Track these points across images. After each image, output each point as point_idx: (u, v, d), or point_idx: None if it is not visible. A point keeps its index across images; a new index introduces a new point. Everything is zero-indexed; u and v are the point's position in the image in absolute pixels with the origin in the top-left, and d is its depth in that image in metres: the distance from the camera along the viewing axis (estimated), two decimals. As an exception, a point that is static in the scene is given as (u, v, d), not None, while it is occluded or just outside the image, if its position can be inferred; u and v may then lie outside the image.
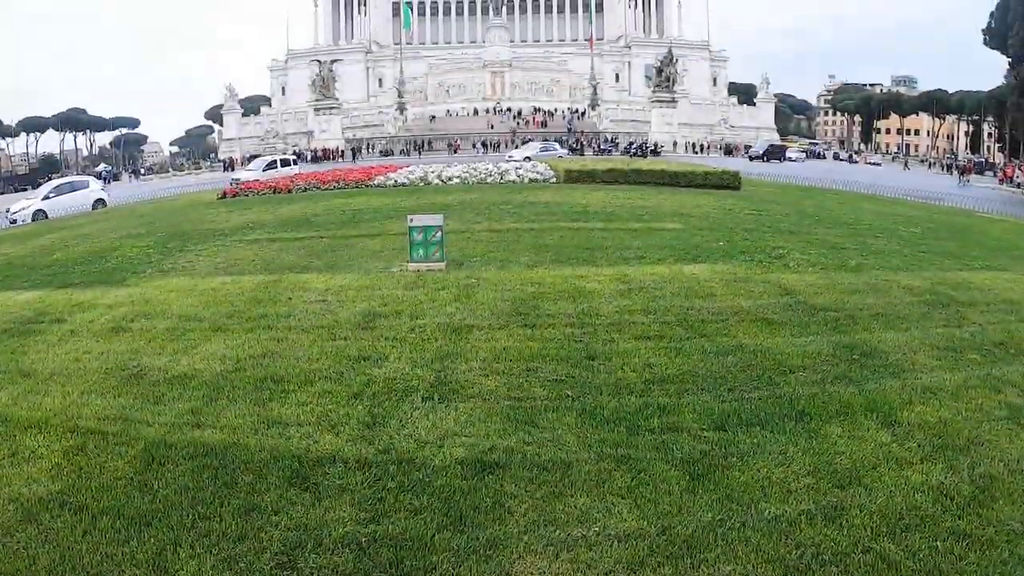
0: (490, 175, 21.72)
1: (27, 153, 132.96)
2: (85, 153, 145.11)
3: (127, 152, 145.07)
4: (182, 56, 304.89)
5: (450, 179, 21.34)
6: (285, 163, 37.85)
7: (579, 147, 62.89)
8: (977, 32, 66.57)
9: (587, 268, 8.61)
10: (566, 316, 6.55)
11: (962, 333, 6.50)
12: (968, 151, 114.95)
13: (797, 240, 11.22)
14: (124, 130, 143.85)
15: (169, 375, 5.47)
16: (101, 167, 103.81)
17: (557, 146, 48.08)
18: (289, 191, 20.97)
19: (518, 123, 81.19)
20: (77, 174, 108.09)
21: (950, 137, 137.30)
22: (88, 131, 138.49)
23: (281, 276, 8.76)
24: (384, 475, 3.83)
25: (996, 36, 62.13)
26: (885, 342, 6.07)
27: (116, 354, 6.09)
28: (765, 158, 60.32)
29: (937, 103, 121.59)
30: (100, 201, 28.08)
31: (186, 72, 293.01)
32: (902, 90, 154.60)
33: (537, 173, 21.89)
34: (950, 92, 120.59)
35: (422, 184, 21.05)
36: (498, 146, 64.64)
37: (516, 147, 58.09)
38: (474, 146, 64.88)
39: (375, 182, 21.41)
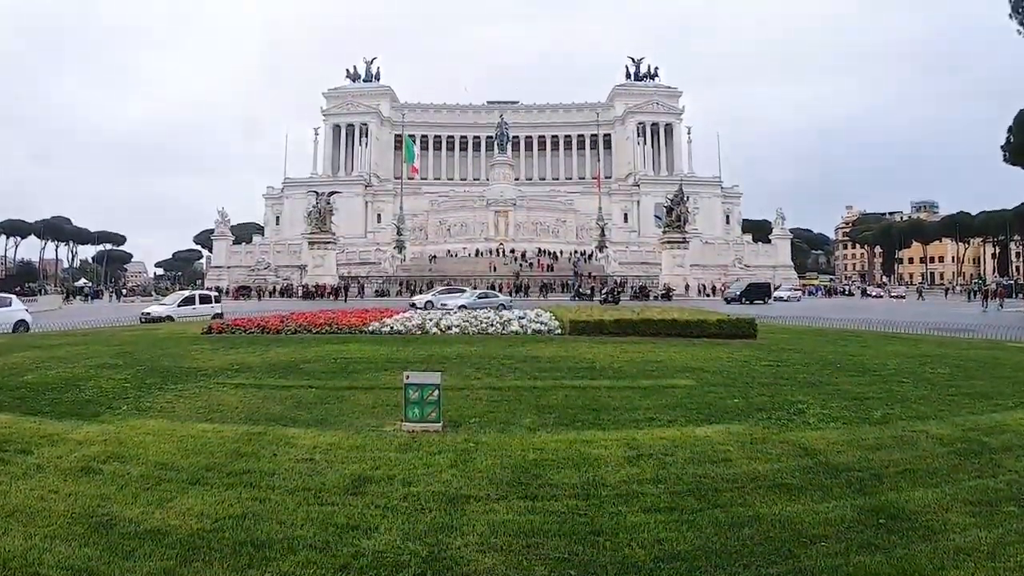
0: (491, 325, 22.30)
1: (4, 258, 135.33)
2: (65, 264, 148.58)
3: (110, 269, 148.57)
4: (177, 177, 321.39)
5: (449, 328, 21.89)
6: (205, 299, 37.76)
7: (589, 292, 62.56)
8: (996, 149, 68.81)
9: (593, 432, 8.73)
10: (570, 486, 6.62)
11: (997, 483, 6.58)
12: (996, 274, 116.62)
13: (817, 393, 11.42)
14: (108, 246, 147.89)
15: (141, 528, 5.52)
16: (82, 282, 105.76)
17: (499, 294, 48.46)
18: (278, 331, 21.47)
19: (522, 266, 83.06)
20: (57, 285, 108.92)
21: (976, 261, 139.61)
22: (71, 242, 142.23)
23: (266, 428, 8.88)
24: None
25: (1017, 152, 64.02)
26: (913, 501, 6.13)
27: (85, 498, 6.19)
28: (744, 299, 58.14)
29: (960, 226, 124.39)
30: (22, 323, 27.88)
31: (178, 194, 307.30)
32: (923, 216, 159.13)
33: (541, 324, 22.47)
34: (973, 214, 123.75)
35: (419, 333, 21.56)
36: (499, 289, 65.62)
37: (422, 291, 58.31)
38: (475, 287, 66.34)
39: (370, 328, 21.97)
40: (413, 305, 42.73)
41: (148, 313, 34.58)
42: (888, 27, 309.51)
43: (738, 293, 61.37)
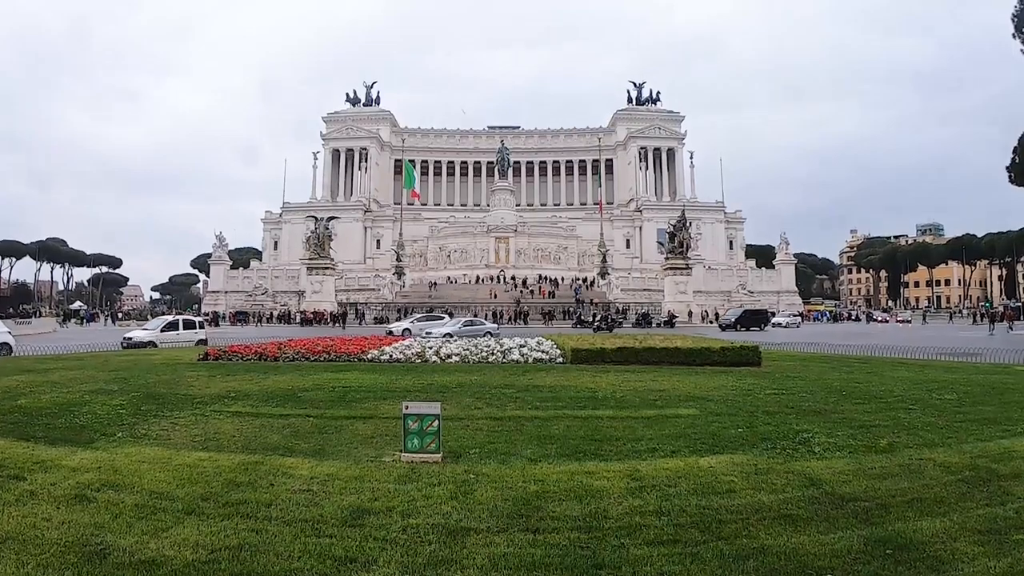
0: (492, 353, 22.34)
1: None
2: (61, 287, 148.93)
3: (105, 292, 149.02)
4: (174, 200, 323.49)
5: (449, 356, 21.94)
6: (189, 324, 37.29)
7: (591, 319, 60.92)
8: (1002, 170, 68.91)
9: (595, 463, 8.70)
10: (572, 519, 6.58)
11: (1006, 511, 6.56)
12: (1003, 296, 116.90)
13: (823, 421, 11.43)
14: (104, 268, 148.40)
15: (135, 559, 5.48)
16: (77, 305, 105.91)
17: (485, 322, 48.29)
18: (276, 359, 21.51)
19: (523, 292, 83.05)
20: (53, 307, 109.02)
21: (983, 283, 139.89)
22: (67, 264, 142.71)
23: (263, 457, 8.87)
24: None
25: (1021, 173, 64.02)
26: (921, 531, 6.10)
27: (78, 526, 6.16)
28: (739, 326, 56.91)
29: (966, 249, 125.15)
30: (5, 346, 28.06)
31: (176, 217, 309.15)
32: (928, 239, 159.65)
33: (543, 352, 22.51)
34: (979, 236, 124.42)
35: (419, 361, 21.60)
36: (500, 316, 65.06)
37: (400, 319, 57.84)
38: (475, 315, 66.34)
39: (368, 355, 22.00)
40: (390, 332, 42.18)
41: (130, 338, 34.08)
42: (890, 48, 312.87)
43: (733, 319, 59.78)
